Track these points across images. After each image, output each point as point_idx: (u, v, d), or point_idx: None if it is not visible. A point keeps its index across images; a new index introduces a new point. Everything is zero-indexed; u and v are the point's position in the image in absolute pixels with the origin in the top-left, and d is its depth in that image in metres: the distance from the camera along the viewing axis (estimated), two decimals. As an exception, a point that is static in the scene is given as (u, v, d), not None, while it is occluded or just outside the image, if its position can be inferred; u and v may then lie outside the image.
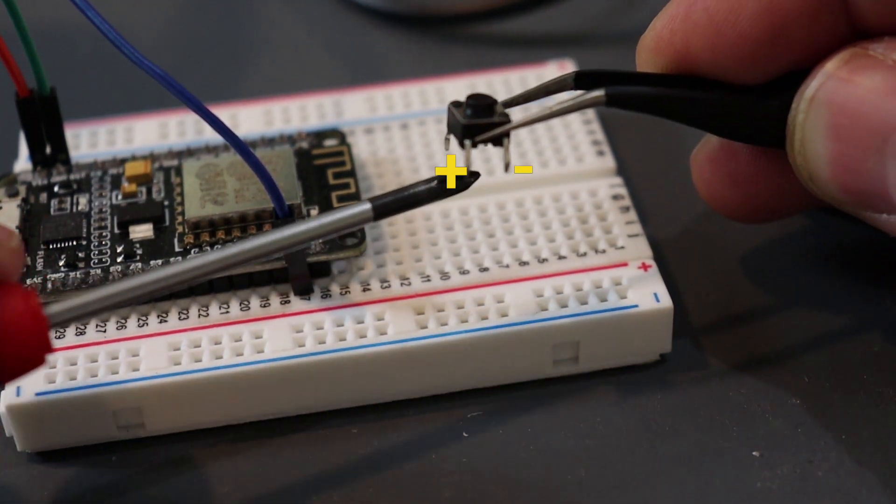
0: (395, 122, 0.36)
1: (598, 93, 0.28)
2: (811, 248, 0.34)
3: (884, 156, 0.27)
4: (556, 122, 0.35)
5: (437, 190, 0.28)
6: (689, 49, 0.29)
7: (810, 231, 0.34)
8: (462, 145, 0.28)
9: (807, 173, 0.29)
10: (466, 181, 0.28)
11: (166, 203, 0.32)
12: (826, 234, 0.34)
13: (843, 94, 0.28)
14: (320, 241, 0.30)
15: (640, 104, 0.29)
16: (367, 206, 0.28)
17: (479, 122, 0.28)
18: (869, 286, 0.33)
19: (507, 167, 0.28)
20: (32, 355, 0.26)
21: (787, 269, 0.33)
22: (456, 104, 0.28)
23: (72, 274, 0.31)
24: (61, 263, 0.31)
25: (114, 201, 0.33)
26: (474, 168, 0.28)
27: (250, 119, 0.36)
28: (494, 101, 0.28)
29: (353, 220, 0.28)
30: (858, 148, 0.27)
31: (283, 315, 0.31)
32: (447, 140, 0.29)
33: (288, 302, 0.31)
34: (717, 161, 0.31)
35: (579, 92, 0.28)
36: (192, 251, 0.31)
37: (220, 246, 0.29)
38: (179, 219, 0.32)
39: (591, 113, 0.36)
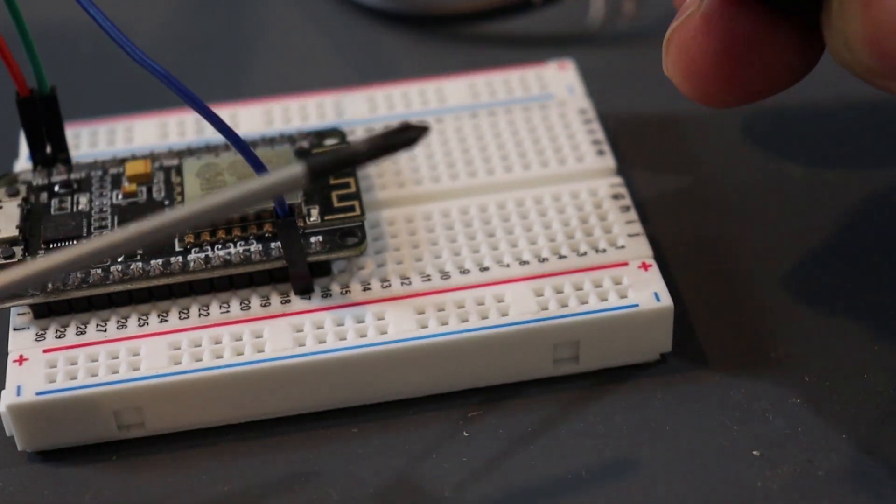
0: (395, 122, 0.36)
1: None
2: (811, 247, 0.34)
3: None
4: (556, 122, 0.35)
5: (376, 148, 0.26)
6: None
7: (810, 231, 0.34)
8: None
9: (842, 37, 0.26)
10: (410, 136, 0.26)
11: (167, 202, 0.32)
12: (826, 233, 0.34)
13: None
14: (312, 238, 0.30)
15: None
16: (299, 168, 0.25)
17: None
18: (870, 285, 0.33)
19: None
20: None
21: (787, 269, 0.33)
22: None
23: (72, 274, 0.31)
24: (61, 263, 0.31)
25: (114, 201, 0.33)
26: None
27: (250, 119, 0.36)
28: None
29: (286, 186, 0.25)
30: None
31: (284, 314, 0.31)
32: None
33: (288, 301, 0.31)
34: (710, 29, 0.28)
35: None
36: (193, 251, 0.31)
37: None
38: (180, 218, 0.32)
39: (591, 112, 0.36)
